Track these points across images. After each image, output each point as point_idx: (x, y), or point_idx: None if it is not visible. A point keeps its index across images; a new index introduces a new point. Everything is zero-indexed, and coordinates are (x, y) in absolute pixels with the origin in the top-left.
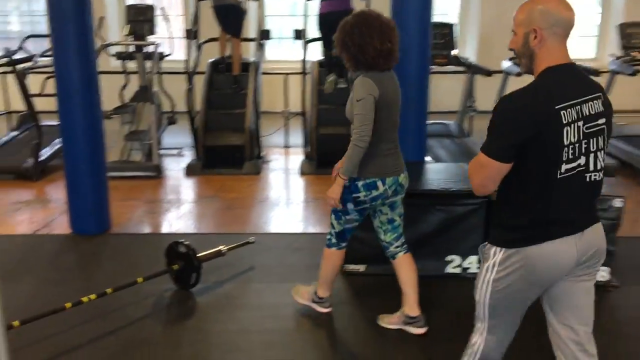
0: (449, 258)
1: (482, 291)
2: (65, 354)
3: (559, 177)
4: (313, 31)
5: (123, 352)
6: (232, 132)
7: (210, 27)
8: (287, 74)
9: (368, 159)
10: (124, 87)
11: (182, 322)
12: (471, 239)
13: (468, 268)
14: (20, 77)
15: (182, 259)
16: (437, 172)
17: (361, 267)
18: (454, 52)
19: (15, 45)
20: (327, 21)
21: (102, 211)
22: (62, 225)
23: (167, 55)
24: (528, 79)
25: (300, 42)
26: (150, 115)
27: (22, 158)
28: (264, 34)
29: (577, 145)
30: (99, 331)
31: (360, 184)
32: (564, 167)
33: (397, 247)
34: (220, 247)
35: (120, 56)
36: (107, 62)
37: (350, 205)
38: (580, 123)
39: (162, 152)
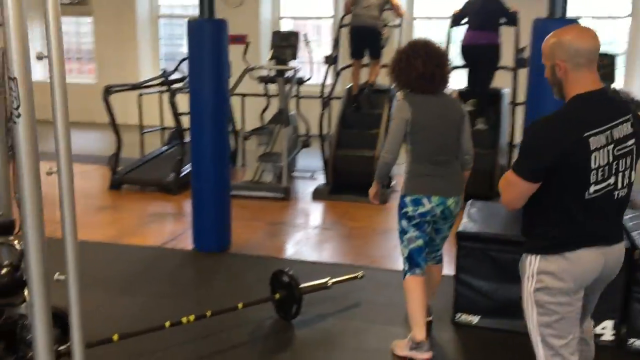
0: None
1: (528, 304)
2: None
3: (587, 197)
4: (456, 59)
5: None
6: (363, 158)
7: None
8: None
9: (412, 177)
10: (265, 109)
11: (276, 355)
12: (609, 300)
13: (601, 335)
14: (172, 96)
15: (284, 288)
16: None
17: (474, 319)
18: (613, 86)
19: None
20: (470, 54)
21: (223, 230)
22: (187, 241)
23: (306, 80)
24: None
25: None
26: (284, 139)
27: (166, 172)
28: None
29: (606, 167)
30: (194, 354)
31: (407, 199)
32: (592, 188)
33: (430, 256)
34: (327, 280)
35: (263, 79)
36: (251, 85)
37: (404, 222)
38: (611, 147)
39: (295, 174)
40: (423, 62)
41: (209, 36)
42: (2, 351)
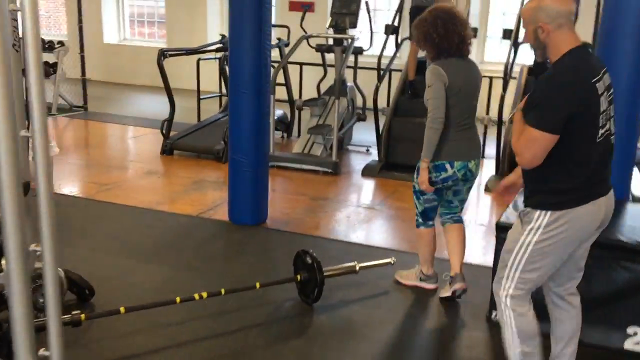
0: (630, 330)
1: (520, 252)
2: (161, 350)
3: (597, 141)
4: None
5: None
6: (416, 135)
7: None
8: (491, 77)
9: (438, 143)
10: (322, 79)
11: (289, 341)
12: None
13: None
14: (223, 62)
15: (307, 270)
16: (637, 218)
17: None
18: None
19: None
20: None
21: (259, 203)
22: (225, 211)
23: (365, 50)
24: None
25: (508, 43)
26: (336, 111)
27: (218, 140)
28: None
29: (605, 112)
30: (204, 331)
31: (430, 165)
32: (600, 131)
33: (447, 217)
34: (354, 264)
35: (320, 48)
36: (311, 53)
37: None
38: (606, 93)
39: (350, 148)
40: (463, 26)
41: None
42: None
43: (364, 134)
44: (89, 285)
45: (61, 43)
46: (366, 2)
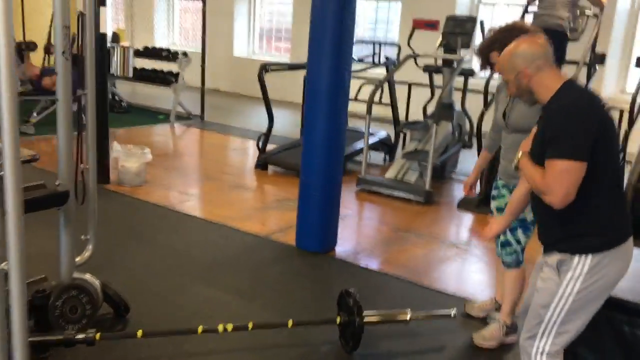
0: None
1: (559, 306)
2: None
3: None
4: None
5: None
6: None
7: None
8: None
9: None
10: (428, 101)
11: None
12: None
13: None
14: None
15: (348, 312)
16: None
17: None
18: None
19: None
20: None
21: (327, 230)
22: (294, 235)
23: (475, 73)
24: None
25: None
26: (438, 135)
27: None
28: (598, 58)
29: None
30: None
31: None
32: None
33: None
34: (405, 312)
35: (427, 69)
36: (420, 74)
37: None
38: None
39: (454, 177)
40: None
41: (331, 8)
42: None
43: (473, 163)
44: (124, 301)
45: (185, 54)
46: (481, 22)
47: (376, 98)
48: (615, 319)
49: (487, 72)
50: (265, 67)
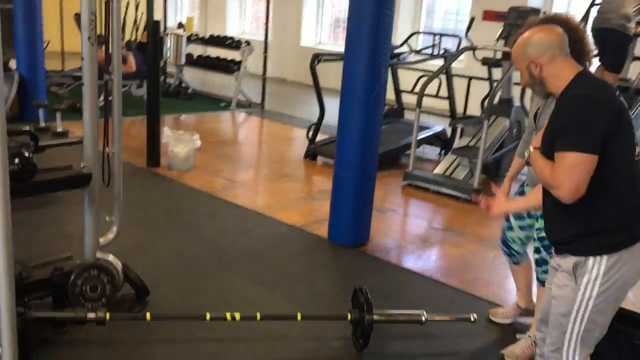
0: None
1: (580, 312)
2: None
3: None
4: None
5: None
6: None
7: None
8: None
9: None
10: (487, 96)
11: None
12: None
13: None
14: (393, 71)
15: (359, 309)
16: None
17: None
18: None
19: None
20: None
21: (360, 224)
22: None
23: None
24: None
25: None
26: (492, 132)
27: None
28: None
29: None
30: (224, 355)
31: None
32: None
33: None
34: (419, 313)
35: (486, 62)
36: (477, 67)
37: None
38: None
39: None
40: None
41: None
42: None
43: None
44: (144, 284)
45: (247, 42)
46: (544, 13)
47: (433, 91)
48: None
49: None
50: (317, 57)
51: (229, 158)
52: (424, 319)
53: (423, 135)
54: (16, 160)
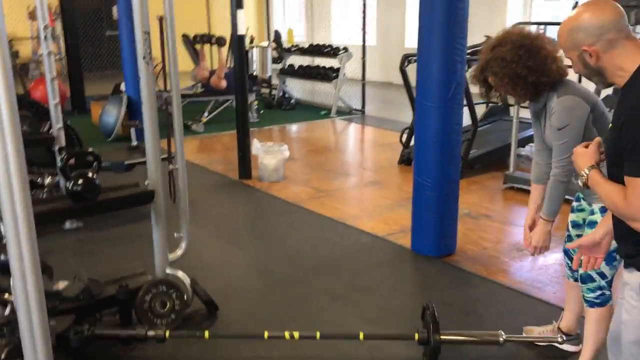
0: None
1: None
2: None
3: None
4: None
5: None
6: None
7: None
8: None
9: None
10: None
11: None
12: None
13: None
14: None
15: (427, 328)
16: None
17: None
18: None
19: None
20: None
21: (444, 233)
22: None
23: None
24: None
25: None
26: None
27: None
28: None
29: None
30: None
31: None
32: None
33: None
34: (498, 333)
35: None
36: None
37: None
38: None
39: None
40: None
41: None
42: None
43: None
44: (212, 300)
45: (345, 49)
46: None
47: None
48: None
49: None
50: (407, 58)
51: (320, 167)
52: (502, 339)
53: (528, 133)
54: (79, 181)
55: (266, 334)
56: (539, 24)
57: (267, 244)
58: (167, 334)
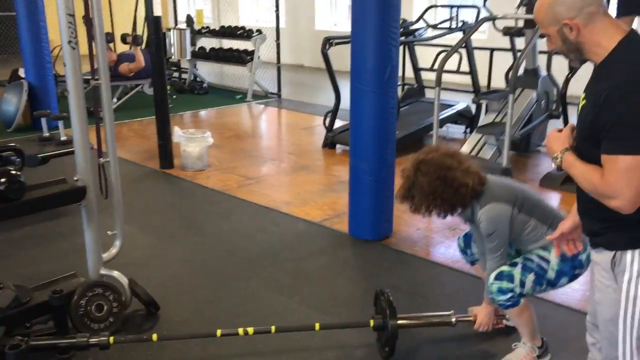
0: None
1: (628, 315)
2: None
3: None
4: None
5: None
6: None
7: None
8: None
9: None
10: (510, 68)
11: None
12: None
13: None
14: (410, 49)
15: (381, 314)
16: None
17: None
18: None
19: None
20: None
21: (381, 216)
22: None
23: None
24: None
25: None
26: (518, 105)
27: None
28: None
29: None
30: None
31: (583, 257)
32: None
33: None
34: (449, 314)
35: (508, 32)
36: (499, 38)
37: (564, 279)
38: None
39: (542, 149)
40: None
41: None
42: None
43: None
44: (152, 299)
45: (259, 31)
46: None
47: (454, 66)
48: None
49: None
50: (329, 41)
51: (244, 153)
52: (454, 320)
53: (445, 114)
54: (2, 179)
55: (219, 332)
56: (445, 7)
57: (201, 237)
58: (112, 339)
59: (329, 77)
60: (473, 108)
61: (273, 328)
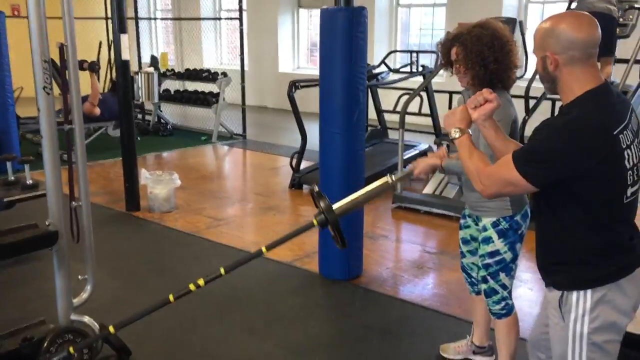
0: None
1: (576, 354)
2: None
3: (625, 202)
4: None
5: None
6: None
7: None
8: None
9: None
10: None
11: None
12: None
13: None
14: (372, 92)
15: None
16: None
17: None
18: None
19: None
20: None
21: (350, 256)
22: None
23: (519, 77)
24: None
25: None
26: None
27: None
28: None
29: (636, 166)
30: None
31: (518, 217)
32: (629, 190)
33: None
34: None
35: None
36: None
37: (518, 246)
38: (635, 142)
39: None
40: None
41: (341, 26)
42: None
43: None
44: (124, 345)
45: (224, 74)
46: (520, 22)
47: (415, 109)
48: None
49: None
50: (295, 84)
51: (211, 194)
52: (391, 180)
53: (409, 154)
54: None
55: None
56: (405, 52)
57: (171, 280)
58: None
59: (295, 119)
60: (435, 149)
61: None
